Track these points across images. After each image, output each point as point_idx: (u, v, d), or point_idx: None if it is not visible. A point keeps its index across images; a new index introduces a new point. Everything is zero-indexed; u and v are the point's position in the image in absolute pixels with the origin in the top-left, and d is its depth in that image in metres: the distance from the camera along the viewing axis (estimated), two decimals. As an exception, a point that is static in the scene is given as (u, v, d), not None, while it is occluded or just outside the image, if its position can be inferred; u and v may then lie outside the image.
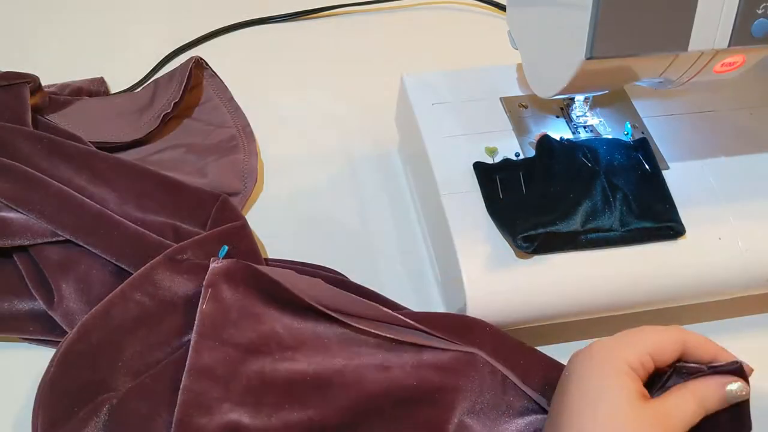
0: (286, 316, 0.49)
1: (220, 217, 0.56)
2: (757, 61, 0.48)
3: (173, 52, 0.76)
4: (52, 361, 0.47)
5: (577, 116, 0.57)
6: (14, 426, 0.49)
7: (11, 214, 0.53)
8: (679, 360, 0.42)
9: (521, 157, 0.55)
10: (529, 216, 0.49)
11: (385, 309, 0.49)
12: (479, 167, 0.53)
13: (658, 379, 0.43)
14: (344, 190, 0.65)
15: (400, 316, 0.49)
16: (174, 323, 0.49)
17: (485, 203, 0.52)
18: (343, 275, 0.57)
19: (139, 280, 0.50)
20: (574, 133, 0.57)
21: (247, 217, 0.62)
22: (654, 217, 0.51)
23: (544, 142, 0.54)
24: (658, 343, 0.42)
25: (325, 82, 0.74)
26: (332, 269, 0.57)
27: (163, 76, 0.69)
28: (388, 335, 0.48)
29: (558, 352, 0.54)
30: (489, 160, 0.54)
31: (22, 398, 0.50)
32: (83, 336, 0.47)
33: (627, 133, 0.57)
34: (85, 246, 0.53)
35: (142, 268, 0.51)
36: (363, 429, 0.46)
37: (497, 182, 0.52)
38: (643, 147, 0.54)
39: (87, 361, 0.47)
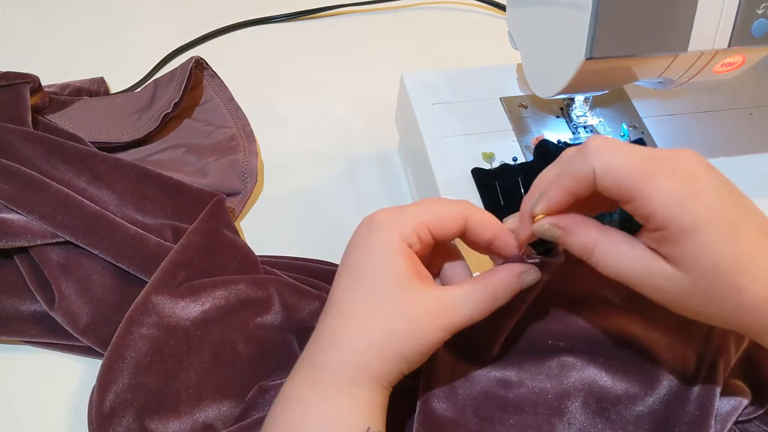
0: None
1: (207, 219, 0.56)
2: (757, 61, 0.48)
3: (173, 52, 0.76)
4: (90, 425, 0.46)
5: (577, 116, 0.57)
6: (16, 428, 0.49)
7: (11, 216, 0.53)
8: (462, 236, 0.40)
9: (519, 161, 0.55)
10: None
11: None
12: (477, 174, 0.53)
13: None
14: (344, 190, 0.65)
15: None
16: (189, 346, 0.49)
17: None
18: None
19: (140, 313, 0.49)
20: (574, 133, 0.57)
21: (247, 217, 0.62)
22: None
23: (542, 146, 0.54)
24: (439, 215, 0.39)
25: (325, 82, 0.74)
26: (330, 262, 0.57)
27: (163, 76, 0.69)
28: None
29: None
30: (486, 166, 0.54)
31: (24, 400, 0.50)
32: (105, 391, 0.47)
33: (623, 134, 0.57)
34: (85, 247, 0.53)
35: (137, 300, 0.50)
36: None
37: (497, 188, 0.52)
38: None
39: (120, 412, 0.46)
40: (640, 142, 0.55)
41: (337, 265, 0.57)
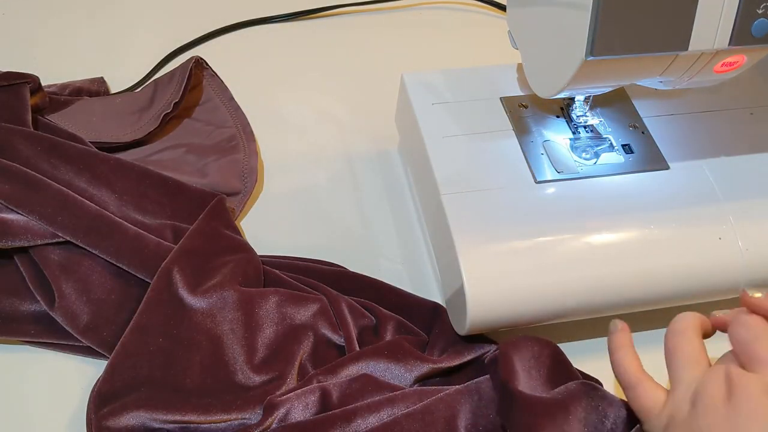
0: None
1: (208, 219, 0.56)
2: (757, 61, 0.48)
3: (173, 52, 0.76)
4: (88, 425, 0.46)
5: (577, 116, 0.57)
6: (16, 428, 0.49)
7: (11, 216, 0.53)
8: None
9: None
10: None
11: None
12: None
13: None
14: (344, 190, 0.65)
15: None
16: (189, 349, 0.50)
17: None
18: (342, 266, 0.57)
19: (145, 316, 0.50)
20: (574, 133, 0.57)
21: (247, 216, 0.62)
22: None
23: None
24: None
25: (324, 82, 0.74)
26: (330, 262, 0.57)
27: (163, 76, 0.69)
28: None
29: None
30: None
31: (23, 400, 0.50)
32: (105, 389, 0.47)
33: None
34: (85, 247, 0.53)
35: (141, 306, 0.50)
36: None
37: None
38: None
39: (117, 411, 0.46)
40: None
41: (336, 265, 0.58)
